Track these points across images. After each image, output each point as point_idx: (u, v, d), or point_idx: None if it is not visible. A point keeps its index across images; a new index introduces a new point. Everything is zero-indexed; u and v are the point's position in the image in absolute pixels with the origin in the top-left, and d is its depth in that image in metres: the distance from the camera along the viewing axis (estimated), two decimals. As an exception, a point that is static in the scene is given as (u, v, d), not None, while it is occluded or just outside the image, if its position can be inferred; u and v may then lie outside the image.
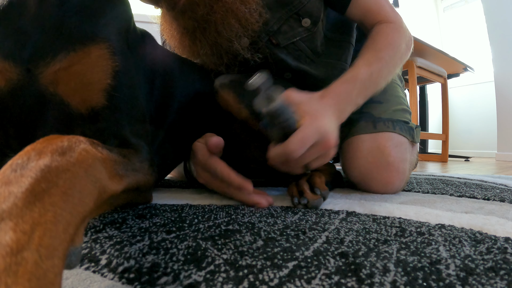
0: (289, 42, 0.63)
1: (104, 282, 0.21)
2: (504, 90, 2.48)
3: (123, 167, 0.29)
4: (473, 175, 0.97)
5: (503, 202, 0.49)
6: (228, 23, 0.57)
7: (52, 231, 0.16)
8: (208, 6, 0.56)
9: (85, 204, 0.19)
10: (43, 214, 0.16)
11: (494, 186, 0.69)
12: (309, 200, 0.45)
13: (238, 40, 0.59)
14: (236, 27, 0.58)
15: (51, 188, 0.17)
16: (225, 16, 0.57)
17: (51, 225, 0.16)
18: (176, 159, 0.62)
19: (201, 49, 0.61)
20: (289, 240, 0.29)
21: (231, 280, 0.21)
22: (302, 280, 0.21)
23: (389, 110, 0.62)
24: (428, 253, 0.26)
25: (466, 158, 2.49)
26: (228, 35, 0.58)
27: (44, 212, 0.16)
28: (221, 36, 0.58)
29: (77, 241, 0.18)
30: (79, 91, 0.36)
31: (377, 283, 0.20)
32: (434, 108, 2.94)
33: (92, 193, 0.21)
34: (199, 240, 0.29)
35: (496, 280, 0.21)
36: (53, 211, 0.16)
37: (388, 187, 0.57)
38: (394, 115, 0.61)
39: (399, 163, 0.56)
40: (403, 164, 0.58)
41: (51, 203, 0.17)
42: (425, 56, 2.06)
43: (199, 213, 0.40)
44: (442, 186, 0.67)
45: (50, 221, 0.16)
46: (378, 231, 0.32)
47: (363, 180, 0.58)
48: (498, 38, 2.47)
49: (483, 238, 0.30)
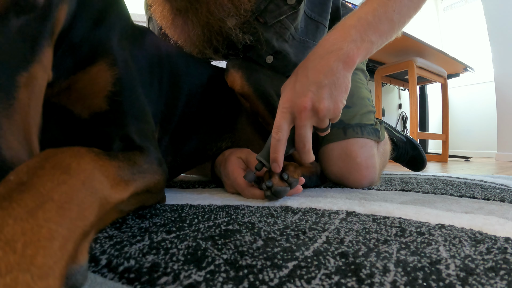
0: (276, 21, 0.65)
1: (104, 282, 0.21)
2: (504, 90, 2.48)
3: (128, 172, 0.28)
4: (473, 175, 0.97)
5: (503, 202, 0.49)
6: (220, 3, 0.59)
7: (46, 249, 0.15)
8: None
9: (85, 217, 0.18)
10: (37, 231, 0.15)
11: (494, 186, 0.69)
12: (273, 184, 0.47)
13: (231, 20, 0.61)
14: (228, 6, 0.60)
15: (45, 202, 0.17)
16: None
17: (45, 242, 0.15)
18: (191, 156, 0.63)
19: (192, 29, 0.63)
20: (289, 240, 0.29)
21: (231, 280, 0.21)
22: (302, 280, 0.21)
23: (357, 115, 0.67)
24: (428, 253, 0.26)
25: (466, 158, 2.49)
26: (221, 15, 0.60)
27: (37, 229, 0.15)
28: (213, 16, 0.60)
29: (81, 259, 0.17)
30: (81, 100, 0.36)
31: (377, 283, 0.20)
32: (434, 108, 2.94)
33: (93, 205, 0.20)
34: (199, 240, 0.29)
35: (496, 280, 0.21)
36: (47, 227, 0.15)
37: (362, 182, 0.64)
38: (362, 120, 0.67)
39: (366, 161, 0.63)
40: (371, 160, 0.64)
41: (46, 219, 0.16)
42: (425, 56, 2.06)
43: (199, 213, 0.40)
44: (442, 186, 0.67)
45: (45, 237, 0.15)
46: (378, 231, 0.32)
47: (339, 181, 0.66)
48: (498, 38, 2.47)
49: (483, 238, 0.30)
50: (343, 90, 0.47)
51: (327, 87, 0.46)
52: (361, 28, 0.47)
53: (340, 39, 0.47)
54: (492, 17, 2.49)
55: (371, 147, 0.65)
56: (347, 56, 0.46)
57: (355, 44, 0.47)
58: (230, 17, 0.60)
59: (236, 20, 0.61)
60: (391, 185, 0.69)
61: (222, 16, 0.59)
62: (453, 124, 3.12)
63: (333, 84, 0.46)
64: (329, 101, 0.46)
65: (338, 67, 0.46)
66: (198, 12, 0.60)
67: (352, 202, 0.48)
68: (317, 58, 0.47)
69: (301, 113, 0.46)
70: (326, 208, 0.44)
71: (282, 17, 0.65)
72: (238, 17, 0.61)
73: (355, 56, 0.46)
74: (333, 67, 0.46)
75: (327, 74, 0.46)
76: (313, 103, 0.46)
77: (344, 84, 0.47)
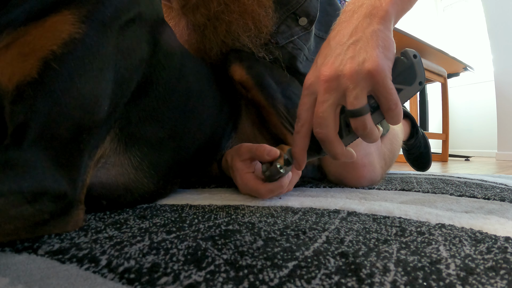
0: (287, 41, 0.64)
1: (104, 282, 0.21)
2: (504, 89, 2.48)
3: None
4: (473, 175, 0.97)
5: (503, 201, 0.49)
6: (244, 23, 0.58)
7: None
8: (223, 4, 0.56)
9: None
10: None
11: (494, 185, 0.69)
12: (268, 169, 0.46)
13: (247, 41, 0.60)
14: (251, 28, 0.59)
15: None
16: (242, 17, 0.57)
17: None
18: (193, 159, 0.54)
19: (208, 46, 0.62)
20: (289, 240, 0.29)
21: (231, 280, 0.21)
22: (302, 280, 0.21)
23: None
24: (428, 252, 0.26)
25: (466, 158, 2.48)
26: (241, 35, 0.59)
27: None
28: (231, 35, 0.59)
29: None
30: (13, 63, 0.26)
31: (377, 283, 0.20)
32: (434, 107, 2.94)
33: None
34: (199, 240, 0.29)
35: (497, 279, 0.21)
36: None
37: (361, 181, 0.63)
38: None
39: (363, 159, 0.62)
40: (368, 158, 0.63)
41: None
42: (425, 55, 2.06)
43: (199, 213, 0.40)
44: (442, 186, 0.67)
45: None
46: (378, 231, 0.32)
47: (339, 181, 0.66)
48: (498, 37, 2.47)
49: (483, 237, 0.30)
50: (379, 44, 0.34)
51: (352, 45, 0.35)
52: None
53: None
54: (492, 16, 2.49)
55: (368, 145, 0.64)
56: (373, 8, 0.37)
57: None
58: (249, 38, 0.60)
59: (253, 42, 0.61)
60: (391, 184, 0.69)
61: (242, 36, 0.59)
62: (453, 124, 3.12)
63: (360, 41, 0.35)
64: (357, 61, 0.34)
65: (364, 23, 0.36)
66: (217, 30, 0.59)
67: (352, 201, 0.48)
68: (338, 24, 0.39)
69: (320, 86, 0.36)
70: (326, 208, 0.44)
71: (294, 37, 0.64)
72: (258, 38, 0.61)
73: (384, 4, 0.36)
74: (358, 25, 0.36)
75: (352, 33, 0.36)
76: (335, 68, 0.35)
77: (378, 38, 0.35)
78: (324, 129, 0.36)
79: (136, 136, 0.39)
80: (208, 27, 0.59)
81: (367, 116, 0.35)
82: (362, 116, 0.35)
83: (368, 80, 0.34)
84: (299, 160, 0.41)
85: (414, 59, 0.36)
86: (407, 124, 1.05)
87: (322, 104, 0.36)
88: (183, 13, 0.61)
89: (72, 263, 0.23)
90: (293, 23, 0.63)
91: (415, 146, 1.15)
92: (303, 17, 0.63)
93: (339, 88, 0.35)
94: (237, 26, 0.58)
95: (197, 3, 0.57)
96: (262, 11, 0.58)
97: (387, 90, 0.34)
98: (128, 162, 0.38)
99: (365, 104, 0.35)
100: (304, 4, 0.62)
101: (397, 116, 0.36)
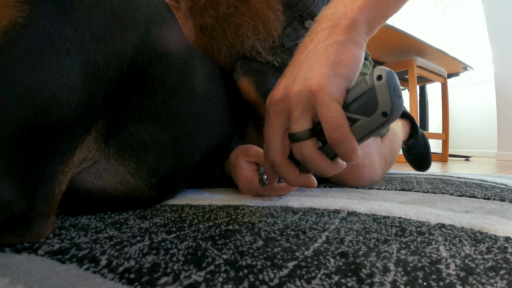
0: (293, 44, 0.64)
1: (104, 282, 0.21)
2: (504, 89, 2.48)
3: None
4: (473, 175, 0.97)
5: (503, 201, 0.49)
6: (254, 26, 0.58)
7: None
8: (232, 7, 0.56)
9: None
10: None
11: (494, 185, 0.69)
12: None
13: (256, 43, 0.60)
14: (261, 31, 0.59)
15: None
16: (252, 20, 0.57)
17: None
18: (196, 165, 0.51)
19: (216, 48, 0.61)
20: (289, 240, 0.29)
21: (231, 280, 0.21)
22: (302, 280, 0.21)
23: None
24: (428, 252, 0.26)
25: (466, 158, 2.49)
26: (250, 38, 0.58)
27: None
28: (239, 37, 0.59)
29: None
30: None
31: (377, 283, 0.20)
32: (434, 107, 2.94)
33: None
34: (199, 240, 0.29)
35: (497, 279, 0.21)
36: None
37: (361, 181, 0.63)
38: None
39: (363, 159, 0.62)
40: (368, 158, 0.63)
41: None
42: (425, 55, 2.06)
43: (199, 213, 0.40)
44: (442, 186, 0.67)
45: None
46: (378, 231, 0.32)
47: (339, 181, 0.66)
48: (498, 37, 2.47)
49: (483, 237, 0.30)
50: (331, 60, 0.30)
51: (305, 63, 0.32)
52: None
53: (325, 9, 0.36)
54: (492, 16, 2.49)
55: (368, 145, 0.64)
56: (337, 17, 0.33)
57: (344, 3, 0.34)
58: (258, 41, 0.59)
59: (262, 44, 0.60)
60: (391, 184, 0.69)
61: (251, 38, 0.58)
62: (453, 124, 3.12)
63: (313, 57, 0.32)
64: (303, 80, 0.30)
65: (323, 36, 0.33)
66: (225, 32, 0.58)
67: (352, 201, 0.48)
68: (302, 40, 0.37)
69: (270, 108, 0.33)
70: (326, 208, 0.44)
71: (300, 40, 0.64)
72: (268, 41, 0.60)
73: (350, 11, 0.33)
74: (315, 39, 0.33)
75: (310, 49, 0.33)
76: (283, 90, 0.32)
77: (332, 53, 0.30)
78: (271, 152, 0.34)
79: (128, 139, 0.35)
80: (216, 28, 0.59)
81: (307, 143, 0.31)
82: (299, 142, 0.31)
83: (310, 101, 0.30)
84: (269, 179, 0.39)
85: (378, 81, 0.28)
86: (407, 124, 1.05)
87: (270, 127, 0.34)
88: (191, 14, 0.60)
89: (72, 263, 0.23)
90: (299, 26, 0.63)
91: (415, 146, 1.15)
92: (309, 19, 0.63)
93: (284, 110, 0.32)
94: (247, 28, 0.58)
95: (206, 5, 0.57)
96: (272, 14, 0.58)
97: (327, 112, 0.28)
98: (124, 169, 0.36)
99: (305, 129, 0.30)
100: (310, 6, 0.62)
101: (343, 147, 0.29)
